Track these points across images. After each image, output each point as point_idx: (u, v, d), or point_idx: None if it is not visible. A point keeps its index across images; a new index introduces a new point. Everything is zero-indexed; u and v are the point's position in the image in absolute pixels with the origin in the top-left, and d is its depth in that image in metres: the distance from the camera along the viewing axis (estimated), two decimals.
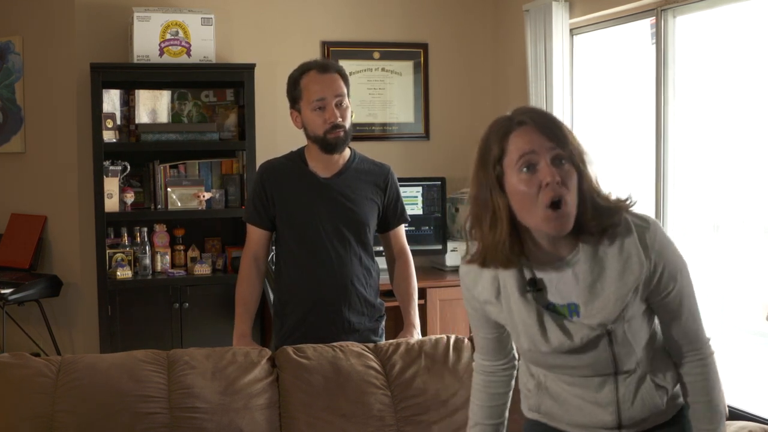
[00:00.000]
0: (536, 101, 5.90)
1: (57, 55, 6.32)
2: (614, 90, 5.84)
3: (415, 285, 4.03)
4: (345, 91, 3.82)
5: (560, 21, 5.77)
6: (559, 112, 5.78)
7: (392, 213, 4.00)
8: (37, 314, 6.28)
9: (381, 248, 4.13)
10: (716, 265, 5.08)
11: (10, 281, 6.05)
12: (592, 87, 5.96)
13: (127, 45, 6.04)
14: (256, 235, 3.95)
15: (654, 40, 5.26)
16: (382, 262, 4.12)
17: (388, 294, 4.19)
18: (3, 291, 5.89)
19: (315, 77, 3.83)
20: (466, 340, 3.51)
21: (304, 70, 3.86)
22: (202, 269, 5.91)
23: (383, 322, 4.03)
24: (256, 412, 3.11)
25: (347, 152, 3.93)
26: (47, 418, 3.00)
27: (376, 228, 4.00)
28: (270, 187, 3.90)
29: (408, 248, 4.07)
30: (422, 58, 6.72)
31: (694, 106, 5.10)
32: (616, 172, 5.82)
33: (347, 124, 3.82)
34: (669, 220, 5.16)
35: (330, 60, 3.92)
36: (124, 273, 5.76)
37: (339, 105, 3.80)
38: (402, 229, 4.07)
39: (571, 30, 5.87)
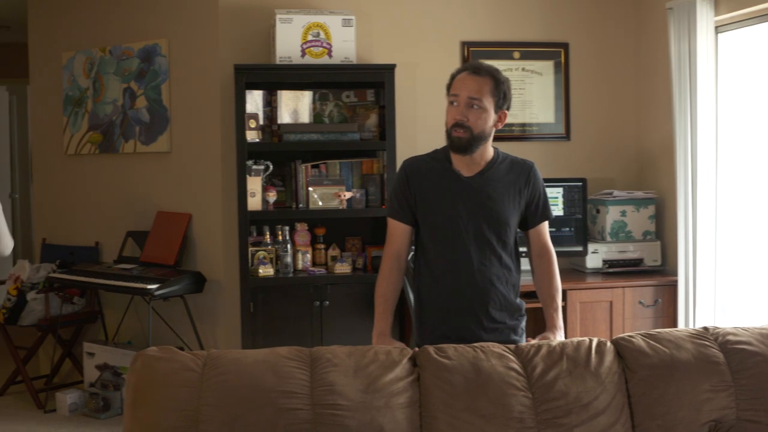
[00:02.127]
0: (680, 102, 5.79)
1: (201, 57, 6.46)
2: (762, 90, 5.69)
3: (558, 285, 3.97)
4: (485, 96, 3.77)
5: (705, 19, 5.65)
6: (704, 113, 5.66)
7: (534, 211, 3.96)
8: (181, 310, 6.43)
9: (525, 249, 4.10)
10: None
11: (156, 277, 6.20)
12: (738, 87, 5.81)
13: (270, 46, 6.13)
14: (398, 230, 3.96)
15: None
16: (525, 263, 4.09)
17: (532, 295, 4.16)
18: (149, 287, 6.05)
19: (463, 76, 3.83)
20: (608, 343, 3.46)
21: (460, 69, 3.87)
22: (343, 268, 5.96)
23: (523, 322, 4.00)
24: (397, 410, 3.12)
25: (490, 152, 3.91)
26: (193, 411, 3.05)
27: (518, 227, 3.97)
28: (413, 182, 3.91)
29: (552, 247, 4.00)
30: (563, 58, 6.66)
31: None
32: (765, 175, 5.68)
33: (475, 128, 3.78)
34: None
35: (489, 65, 3.88)
36: (266, 271, 5.85)
37: (471, 107, 3.78)
38: (545, 226, 4.00)
39: (716, 28, 5.75)
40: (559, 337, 3.86)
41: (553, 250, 4.01)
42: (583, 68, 6.70)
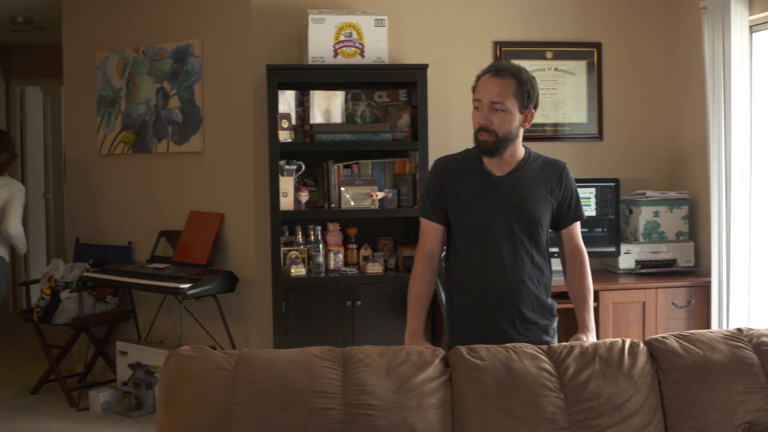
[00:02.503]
0: (713, 102, 5.75)
1: (234, 58, 6.48)
2: None
3: (590, 286, 3.95)
4: (508, 98, 3.75)
5: (739, 18, 5.61)
6: (738, 112, 5.62)
7: (566, 211, 3.94)
8: (213, 309, 6.45)
9: (556, 249, 4.09)
10: None
11: (189, 277, 6.23)
12: None
13: (302, 47, 6.15)
14: (430, 230, 3.95)
15: None
16: (556, 264, 4.08)
17: (563, 296, 4.15)
18: (182, 286, 6.07)
19: (485, 79, 3.82)
20: (641, 345, 3.45)
21: (484, 71, 3.85)
22: (375, 268, 5.96)
23: (555, 322, 3.99)
24: (429, 411, 3.12)
25: (521, 151, 3.90)
26: (225, 411, 3.06)
27: (550, 227, 3.96)
28: (445, 182, 3.91)
29: (583, 247, 3.99)
30: (596, 58, 6.63)
31: None
32: None
33: (500, 131, 3.77)
34: None
35: (512, 65, 3.86)
36: (298, 270, 5.86)
37: (494, 110, 3.77)
38: (577, 227, 3.99)
39: (750, 27, 5.70)
40: (591, 338, 3.85)
41: (585, 250, 4.00)
42: (616, 68, 6.67)
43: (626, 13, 6.68)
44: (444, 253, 4.06)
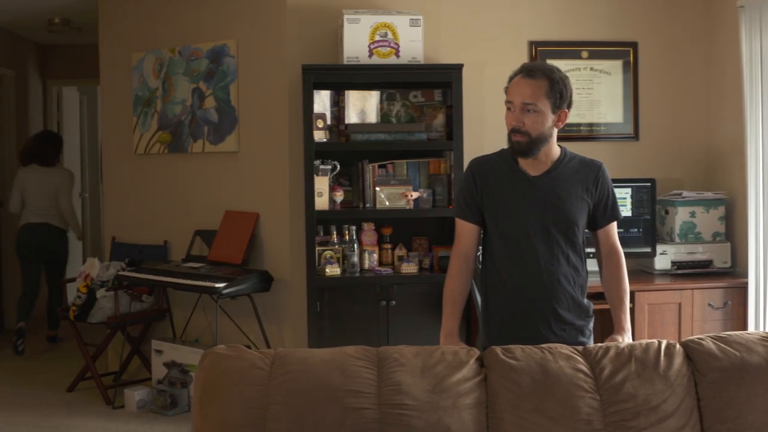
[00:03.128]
0: (751, 101, 5.72)
1: (269, 58, 6.50)
2: None
3: (626, 287, 3.94)
4: (540, 99, 3.74)
5: None
6: None
7: (602, 211, 3.93)
8: (248, 308, 6.47)
9: (592, 250, 4.07)
10: None
11: (224, 276, 6.25)
12: None
13: (337, 47, 6.16)
14: (466, 230, 3.95)
15: None
16: (591, 264, 4.06)
17: (599, 296, 4.13)
18: (217, 285, 6.09)
19: (517, 80, 3.82)
20: (677, 346, 3.43)
21: (516, 71, 3.84)
22: (409, 268, 5.96)
23: (591, 323, 3.97)
24: (463, 411, 3.11)
25: (556, 151, 3.89)
26: (260, 409, 3.07)
27: (586, 227, 3.95)
28: (480, 182, 3.90)
29: (620, 248, 3.97)
30: (632, 57, 6.60)
31: None
32: None
33: (533, 132, 3.76)
34: None
35: (544, 65, 3.85)
36: (332, 270, 5.87)
37: (527, 111, 3.76)
38: (613, 227, 3.97)
39: None
40: (627, 339, 3.83)
41: (621, 251, 3.98)
42: (652, 67, 6.63)
43: (662, 12, 6.64)
44: (479, 253, 4.06)
